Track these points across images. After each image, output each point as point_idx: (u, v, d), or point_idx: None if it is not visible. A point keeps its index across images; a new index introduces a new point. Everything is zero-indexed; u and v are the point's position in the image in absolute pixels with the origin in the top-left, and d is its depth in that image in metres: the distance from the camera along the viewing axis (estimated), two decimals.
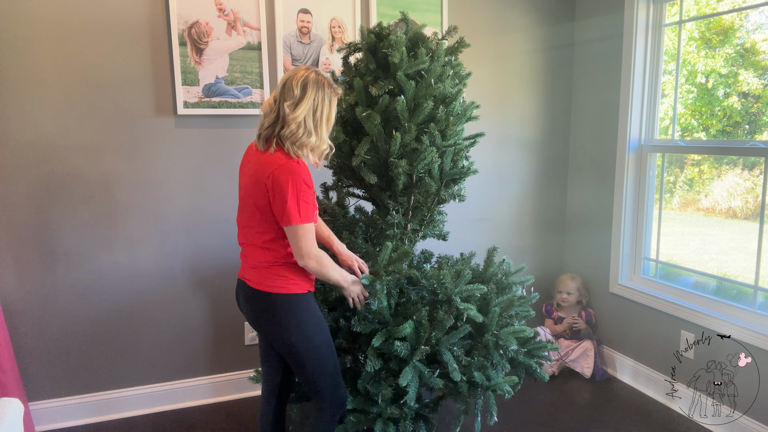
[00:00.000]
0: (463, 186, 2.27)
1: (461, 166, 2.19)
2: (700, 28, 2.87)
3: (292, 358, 1.87)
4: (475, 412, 2.08)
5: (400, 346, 1.95)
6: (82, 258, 2.60)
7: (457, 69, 2.20)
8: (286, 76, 1.75)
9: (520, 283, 2.28)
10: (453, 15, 3.07)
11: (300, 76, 1.71)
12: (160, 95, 2.64)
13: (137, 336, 2.74)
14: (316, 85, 1.73)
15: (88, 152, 2.56)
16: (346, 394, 1.97)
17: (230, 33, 2.69)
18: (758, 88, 2.64)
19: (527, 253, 3.46)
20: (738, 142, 2.67)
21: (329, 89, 1.76)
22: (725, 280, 2.71)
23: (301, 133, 1.70)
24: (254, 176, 1.74)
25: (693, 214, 3.02)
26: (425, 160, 2.04)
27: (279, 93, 1.73)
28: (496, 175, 3.33)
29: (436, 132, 2.07)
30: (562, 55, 3.39)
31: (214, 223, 2.79)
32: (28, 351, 2.57)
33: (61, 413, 2.65)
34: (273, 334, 1.84)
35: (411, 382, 1.93)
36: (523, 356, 2.18)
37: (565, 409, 2.81)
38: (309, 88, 1.71)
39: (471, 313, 2.00)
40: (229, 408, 2.83)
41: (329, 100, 1.76)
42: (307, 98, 1.70)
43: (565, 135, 3.48)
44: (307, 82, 1.71)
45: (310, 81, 1.72)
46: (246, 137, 2.79)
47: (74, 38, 2.47)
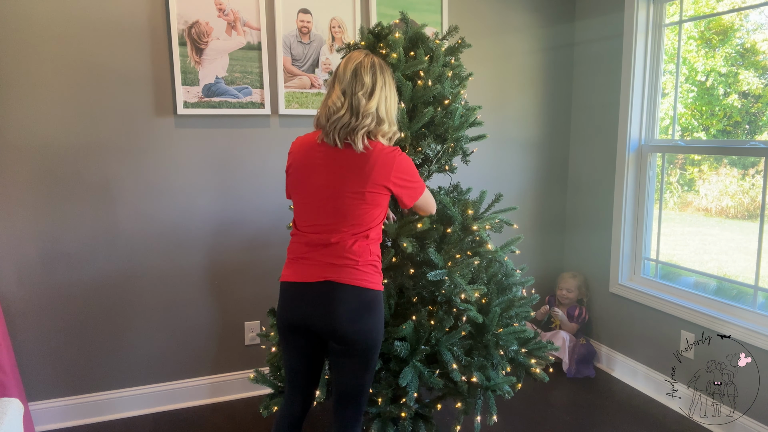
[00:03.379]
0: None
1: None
2: (699, 28, 2.87)
3: (366, 359, 1.74)
4: (475, 412, 2.08)
5: (400, 346, 1.95)
6: (82, 258, 2.60)
7: (457, 70, 2.20)
8: (352, 65, 1.66)
9: (520, 284, 2.28)
10: (453, 15, 3.07)
11: (367, 63, 1.65)
12: (160, 95, 2.64)
13: (137, 336, 2.74)
14: (382, 69, 1.67)
15: (88, 152, 2.56)
16: None
17: (230, 33, 2.69)
18: (758, 87, 2.64)
19: (527, 253, 3.46)
20: (738, 142, 2.67)
21: (389, 71, 1.72)
22: (725, 280, 2.71)
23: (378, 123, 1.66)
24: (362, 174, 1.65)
25: (693, 214, 3.02)
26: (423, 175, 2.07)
27: (348, 84, 1.64)
28: (496, 175, 3.33)
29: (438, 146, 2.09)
30: (562, 55, 3.39)
31: (215, 224, 2.79)
32: (28, 351, 2.57)
33: (61, 413, 2.65)
34: (365, 332, 1.70)
35: (411, 382, 1.93)
36: (523, 357, 2.18)
37: (565, 409, 2.81)
38: (378, 75, 1.65)
39: (471, 314, 2.00)
40: (229, 408, 2.83)
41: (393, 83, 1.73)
42: (378, 86, 1.65)
43: (565, 135, 3.48)
44: (375, 69, 1.65)
45: (377, 66, 1.66)
46: (246, 137, 2.79)
47: (74, 38, 2.47)
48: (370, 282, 1.70)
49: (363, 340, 1.70)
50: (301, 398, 1.87)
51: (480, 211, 2.17)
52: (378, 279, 1.74)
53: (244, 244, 2.85)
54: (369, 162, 1.65)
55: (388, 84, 1.69)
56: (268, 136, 2.83)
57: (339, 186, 1.66)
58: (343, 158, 1.67)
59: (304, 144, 1.76)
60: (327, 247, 1.69)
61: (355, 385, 1.77)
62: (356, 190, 1.65)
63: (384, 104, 1.67)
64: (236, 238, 2.84)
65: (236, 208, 2.82)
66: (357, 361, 1.74)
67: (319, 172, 1.69)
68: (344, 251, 1.68)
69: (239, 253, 2.85)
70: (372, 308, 1.71)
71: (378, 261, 1.76)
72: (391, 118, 1.70)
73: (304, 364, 1.83)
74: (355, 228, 1.68)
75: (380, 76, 1.66)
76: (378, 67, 1.67)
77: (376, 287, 1.73)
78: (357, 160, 1.66)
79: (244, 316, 2.92)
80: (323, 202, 1.69)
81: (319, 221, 1.70)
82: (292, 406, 1.87)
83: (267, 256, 2.88)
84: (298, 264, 1.74)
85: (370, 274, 1.71)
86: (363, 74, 1.64)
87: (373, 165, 1.65)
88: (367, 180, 1.65)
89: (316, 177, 1.69)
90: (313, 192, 1.70)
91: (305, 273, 1.71)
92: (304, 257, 1.73)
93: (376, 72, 1.66)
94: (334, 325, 1.68)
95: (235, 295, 2.88)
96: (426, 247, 2.02)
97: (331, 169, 1.68)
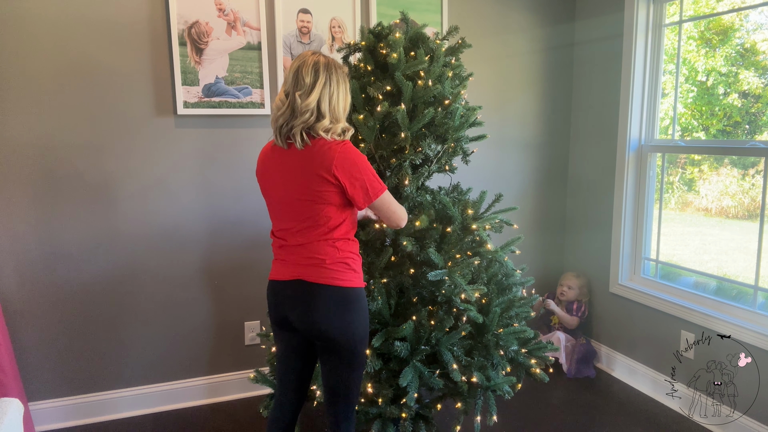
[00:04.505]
0: None
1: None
2: (699, 28, 2.87)
3: (347, 357, 1.75)
4: (475, 412, 2.08)
5: (400, 347, 1.95)
6: (82, 258, 2.60)
7: (457, 70, 2.20)
8: (295, 65, 1.68)
9: (520, 284, 2.28)
10: (453, 15, 3.07)
11: (310, 63, 1.66)
12: (160, 95, 2.64)
13: (137, 336, 2.74)
14: (327, 68, 1.68)
15: (88, 152, 2.56)
16: None
17: (230, 33, 2.69)
18: (758, 87, 2.64)
19: (527, 253, 3.46)
20: (738, 142, 2.67)
21: (339, 70, 1.72)
22: (725, 280, 2.71)
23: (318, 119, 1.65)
24: (305, 173, 1.66)
25: (693, 214, 3.02)
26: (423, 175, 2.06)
27: (290, 85, 1.66)
28: (496, 175, 3.33)
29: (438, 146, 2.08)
30: (562, 55, 3.39)
31: (215, 223, 2.79)
32: (28, 351, 2.57)
33: (61, 413, 2.65)
34: (339, 330, 1.71)
35: (411, 383, 1.93)
36: (523, 357, 2.18)
37: (565, 409, 2.81)
38: (321, 73, 1.66)
39: (471, 314, 2.00)
40: (229, 408, 2.83)
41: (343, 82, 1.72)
42: (319, 83, 1.65)
43: (565, 135, 3.48)
44: (318, 67, 1.66)
45: (321, 65, 1.67)
46: (246, 137, 2.79)
47: (74, 38, 2.47)
48: (340, 280, 1.72)
49: (341, 337, 1.72)
50: (290, 399, 1.89)
51: (480, 211, 2.17)
52: (351, 276, 1.75)
53: (244, 244, 2.85)
54: (309, 157, 1.65)
55: (335, 81, 1.68)
56: (268, 136, 2.81)
57: (291, 188, 1.69)
58: (290, 159, 1.69)
59: (264, 150, 1.79)
60: (296, 248, 1.74)
61: (340, 383, 1.80)
62: (305, 189, 1.67)
63: (327, 101, 1.66)
64: (236, 238, 2.84)
65: (236, 208, 2.82)
66: (339, 358, 1.76)
67: (275, 177, 1.73)
68: (311, 252, 1.72)
69: (239, 253, 2.85)
70: (347, 305, 1.73)
71: (351, 258, 1.76)
72: (336, 115, 1.69)
73: (293, 359, 1.86)
74: (317, 228, 1.70)
75: (324, 74, 1.66)
76: (323, 66, 1.67)
77: (349, 284, 1.74)
78: (300, 158, 1.67)
79: (244, 315, 2.92)
80: (283, 207, 1.73)
81: (283, 225, 1.76)
82: (282, 408, 1.90)
83: (267, 256, 2.87)
84: (277, 263, 1.80)
85: (341, 271, 1.72)
86: (304, 74, 1.65)
87: (313, 158, 1.65)
88: (311, 176, 1.65)
89: (274, 182, 1.74)
90: (275, 197, 1.75)
91: (282, 271, 1.77)
92: (280, 258, 1.79)
93: (319, 70, 1.66)
94: (310, 323, 1.72)
95: (235, 295, 2.88)
96: (426, 247, 2.02)
97: (283, 172, 1.70)
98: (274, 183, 1.73)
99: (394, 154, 2.09)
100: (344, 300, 1.72)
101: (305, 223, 1.70)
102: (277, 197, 1.74)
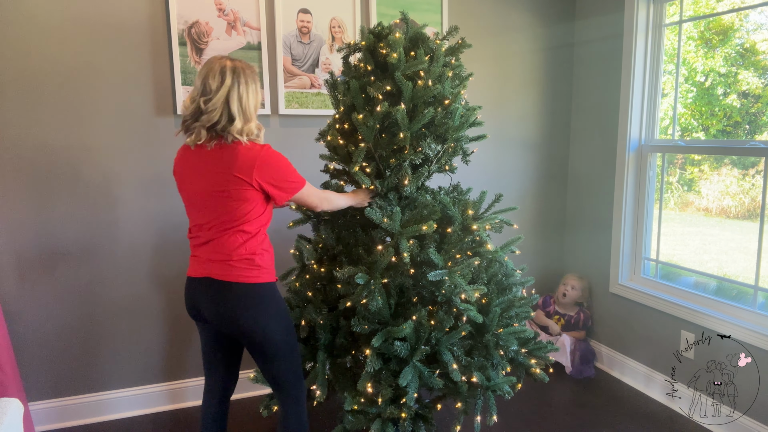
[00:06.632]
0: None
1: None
2: (699, 28, 2.87)
3: (264, 351, 1.84)
4: (475, 412, 2.08)
5: (400, 346, 1.95)
6: (82, 258, 2.60)
7: (457, 70, 2.20)
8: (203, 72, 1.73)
9: (520, 284, 2.28)
10: (453, 15, 3.07)
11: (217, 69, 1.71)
12: (160, 95, 2.64)
13: (137, 336, 2.74)
14: (234, 72, 1.73)
15: (87, 152, 2.56)
16: (305, 388, 1.99)
17: (230, 33, 2.69)
18: (758, 87, 2.64)
19: (527, 253, 3.46)
20: (738, 142, 2.67)
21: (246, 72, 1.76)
22: (725, 280, 2.71)
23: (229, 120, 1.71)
24: (222, 172, 1.71)
25: (693, 214, 3.02)
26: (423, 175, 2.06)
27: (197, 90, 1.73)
28: (495, 175, 3.33)
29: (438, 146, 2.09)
30: (562, 55, 3.39)
31: None
32: (28, 351, 2.57)
33: (61, 413, 2.65)
34: (249, 326, 1.79)
35: (411, 383, 1.93)
36: (523, 357, 2.18)
37: (565, 409, 2.81)
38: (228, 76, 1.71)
39: (471, 314, 2.00)
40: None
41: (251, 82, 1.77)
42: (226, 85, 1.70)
43: (565, 135, 3.48)
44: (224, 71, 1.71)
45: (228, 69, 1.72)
46: None
47: (74, 38, 2.47)
48: (245, 277, 1.77)
49: (253, 332, 1.80)
50: (218, 386, 2.00)
51: (480, 211, 2.17)
52: (257, 273, 1.80)
53: None
54: (229, 159, 1.71)
55: (243, 83, 1.74)
56: (268, 136, 2.82)
57: (207, 184, 1.75)
58: (207, 158, 1.74)
59: (180, 150, 1.87)
60: (205, 244, 1.82)
61: (269, 376, 1.90)
62: (222, 186, 1.73)
63: (237, 102, 1.72)
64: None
65: None
66: (261, 352, 1.85)
67: (188, 174, 1.80)
68: (217, 248, 1.78)
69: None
70: (255, 302, 1.79)
71: (258, 255, 1.80)
72: (248, 114, 1.75)
73: (215, 349, 1.97)
74: (225, 225, 1.76)
75: (230, 76, 1.71)
76: (229, 69, 1.72)
77: (256, 280, 1.79)
78: (218, 158, 1.73)
79: None
80: (195, 203, 1.81)
81: (196, 221, 1.83)
82: (211, 394, 2.01)
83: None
84: (191, 260, 1.89)
85: (245, 269, 1.78)
86: (210, 80, 1.71)
87: (232, 161, 1.71)
88: (229, 176, 1.71)
89: (187, 179, 1.81)
90: (187, 194, 1.83)
91: (195, 268, 1.86)
92: (193, 254, 1.87)
93: (226, 74, 1.71)
94: (221, 319, 1.81)
95: None
96: (426, 247, 2.02)
97: (200, 169, 1.76)
98: (191, 179, 1.79)
99: (394, 154, 2.09)
100: (250, 296, 1.78)
101: (219, 219, 1.76)
102: (192, 192, 1.80)
